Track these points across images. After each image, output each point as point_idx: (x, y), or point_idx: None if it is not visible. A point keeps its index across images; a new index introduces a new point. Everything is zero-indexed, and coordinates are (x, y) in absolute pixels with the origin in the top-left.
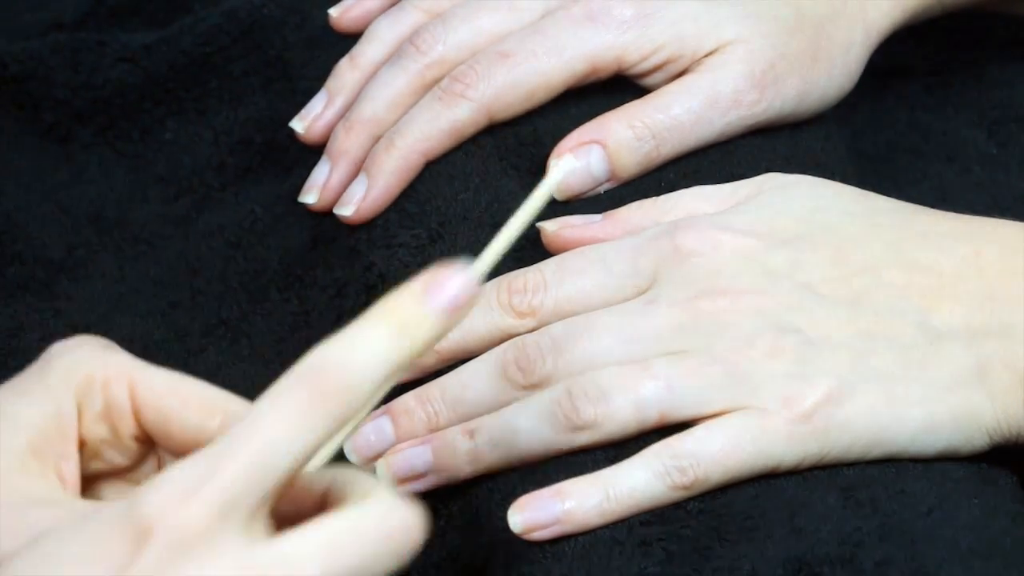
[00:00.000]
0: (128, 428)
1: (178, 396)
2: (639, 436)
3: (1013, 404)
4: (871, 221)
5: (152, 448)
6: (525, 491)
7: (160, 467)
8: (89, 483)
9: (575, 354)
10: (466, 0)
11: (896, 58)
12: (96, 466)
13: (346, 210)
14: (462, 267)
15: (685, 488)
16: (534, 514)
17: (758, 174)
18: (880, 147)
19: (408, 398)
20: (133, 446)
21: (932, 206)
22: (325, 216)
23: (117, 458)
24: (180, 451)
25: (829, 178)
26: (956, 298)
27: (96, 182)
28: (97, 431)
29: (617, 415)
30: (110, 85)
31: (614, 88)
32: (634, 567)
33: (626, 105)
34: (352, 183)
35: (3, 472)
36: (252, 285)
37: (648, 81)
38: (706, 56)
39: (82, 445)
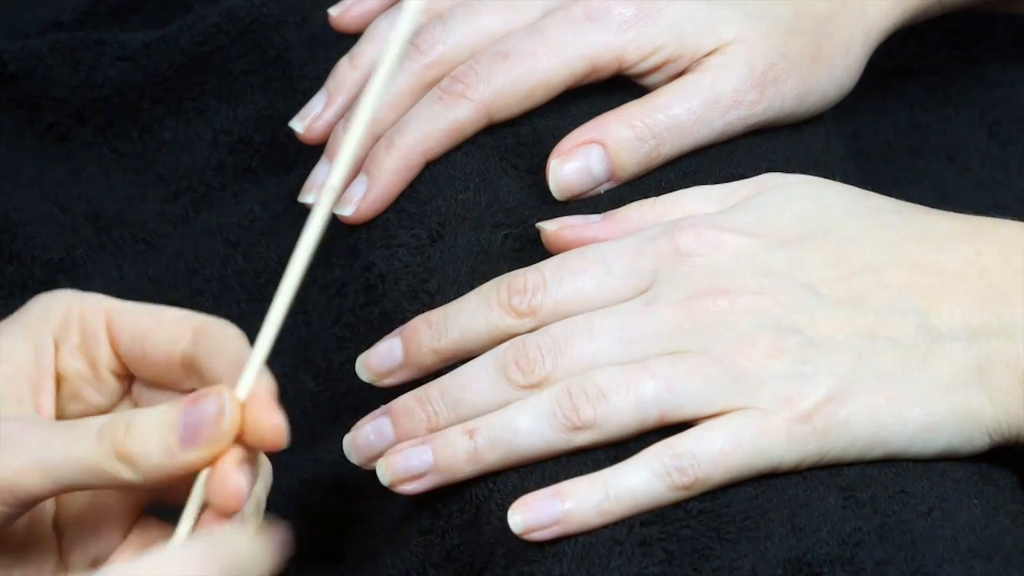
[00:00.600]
0: (105, 359)
1: (151, 315)
2: (639, 436)
3: (1013, 404)
4: (871, 221)
5: (129, 387)
6: (525, 491)
7: (136, 407)
8: None
9: (575, 354)
10: (466, 0)
11: (896, 58)
12: (75, 407)
13: (346, 210)
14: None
15: (685, 488)
16: (534, 514)
17: (758, 174)
18: (880, 147)
19: (408, 398)
20: (111, 382)
21: (932, 206)
22: None
23: (95, 396)
24: (153, 378)
25: (829, 178)
26: (956, 298)
27: (95, 181)
28: (74, 364)
29: (617, 415)
30: (109, 84)
31: (614, 88)
32: (634, 567)
33: (626, 105)
34: (352, 183)
35: None
36: (251, 284)
37: (648, 81)
38: (706, 56)
39: (60, 381)
